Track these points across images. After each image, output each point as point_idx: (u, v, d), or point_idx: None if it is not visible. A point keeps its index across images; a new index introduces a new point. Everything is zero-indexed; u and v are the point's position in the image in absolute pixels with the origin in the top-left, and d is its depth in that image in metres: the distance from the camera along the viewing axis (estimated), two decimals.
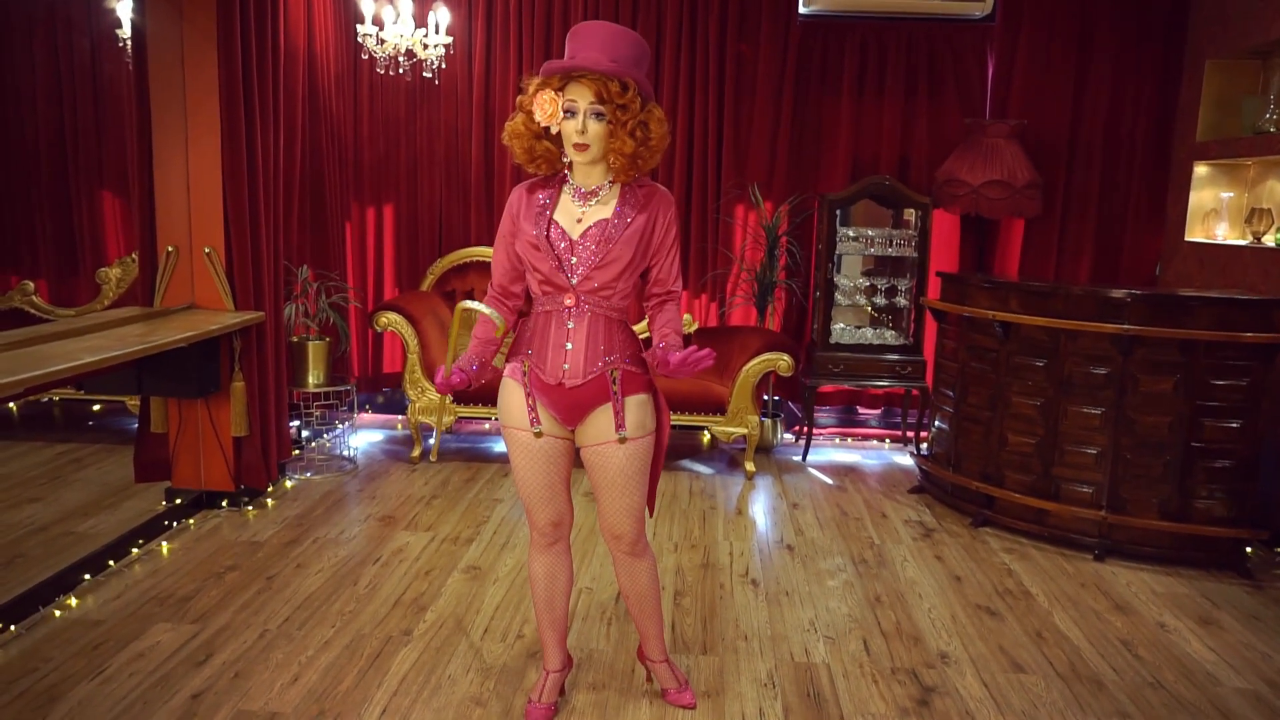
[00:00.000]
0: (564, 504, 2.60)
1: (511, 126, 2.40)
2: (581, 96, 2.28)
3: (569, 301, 2.42)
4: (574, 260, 2.39)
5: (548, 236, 2.40)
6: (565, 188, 2.45)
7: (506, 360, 2.55)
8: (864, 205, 5.56)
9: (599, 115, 2.29)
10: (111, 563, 3.64)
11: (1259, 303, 3.85)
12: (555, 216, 2.42)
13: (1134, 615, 3.52)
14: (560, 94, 2.30)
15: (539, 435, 2.50)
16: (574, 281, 2.39)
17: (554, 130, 2.35)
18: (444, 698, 2.81)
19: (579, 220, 2.41)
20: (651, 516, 3.08)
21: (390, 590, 3.53)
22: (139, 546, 3.81)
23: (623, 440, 2.45)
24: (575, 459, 2.61)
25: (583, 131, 2.30)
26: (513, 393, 2.52)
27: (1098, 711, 2.85)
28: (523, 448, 2.52)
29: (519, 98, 2.38)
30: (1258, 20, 4.57)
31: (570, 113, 2.30)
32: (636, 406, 2.47)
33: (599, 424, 2.46)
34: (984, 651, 3.21)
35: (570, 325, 2.43)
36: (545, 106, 2.29)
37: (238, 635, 3.14)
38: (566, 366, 2.43)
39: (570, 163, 2.41)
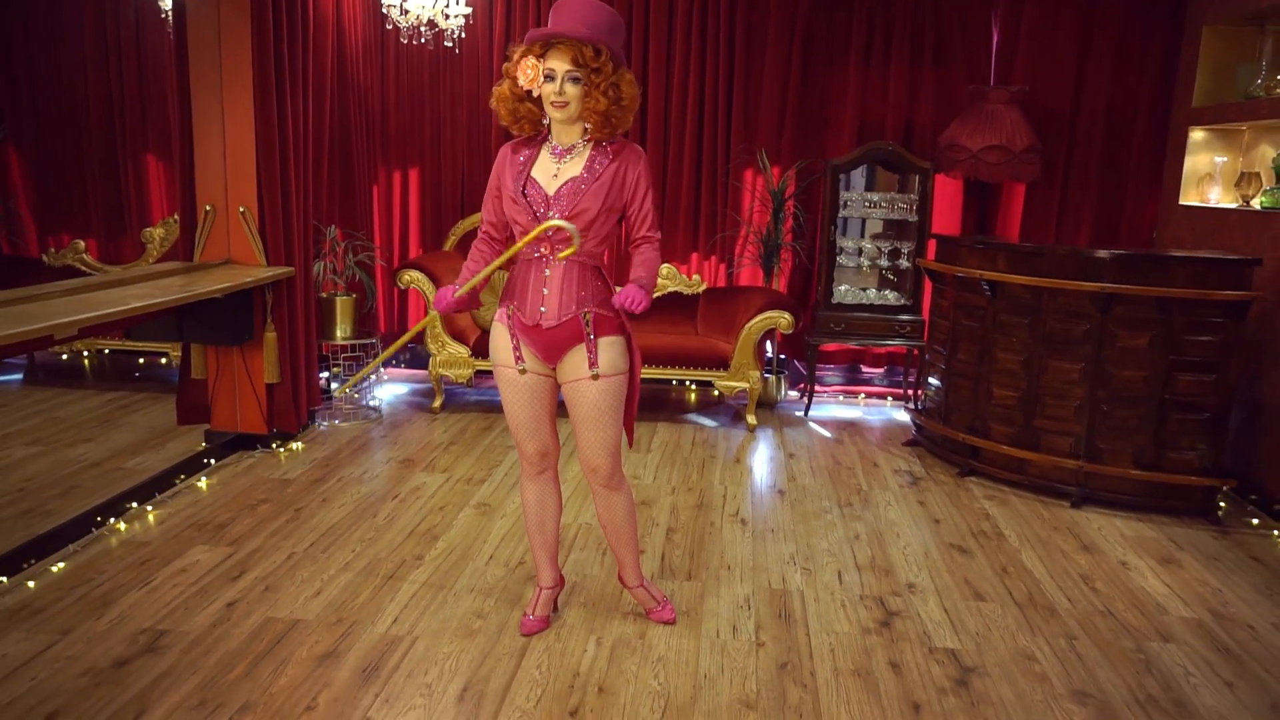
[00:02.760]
0: (549, 435, 2.89)
1: (498, 91, 2.67)
2: (559, 62, 2.54)
3: (544, 250, 2.69)
4: (551, 213, 2.65)
5: (524, 193, 2.67)
6: (545, 146, 2.72)
7: (499, 305, 2.84)
8: (868, 170, 5.75)
9: (575, 79, 2.55)
10: (157, 494, 4.01)
11: (1232, 262, 4.01)
12: (533, 174, 2.69)
13: (1098, 554, 3.75)
14: (541, 60, 2.56)
15: (523, 372, 2.79)
16: (549, 232, 2.66)
17: (535, 93, 2.61)
18: (448, 611, 3.13)
19: (555, 176, 2.67)
20: (630, 447, 3.35)
21: (406, 522, 3.86)
22: (181, 481, 4.18)
23: (595, 377, 2.74)
24: (559, 397, 2.89)
25: (560, 93, 2.56)
26: (500, 334, 2.81)
27: (1047, 634, 3.10)
28: (509, 384, 2.81)
29: (505, 65, 2.65)
30: None
31: (549, 77, 2.56)
32: (608, 346, 2.75)
33: (574, 362, 2.75)
34: (949, 583, 3.46)
35: (548, 273, 2.71)
36: (527, 71, 2.56)
37: (268, 556, 3.49)
38: (544, 309, 2.71)
39: (549, 123, 2.67)
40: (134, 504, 3.87)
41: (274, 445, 4.66)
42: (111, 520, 3.72)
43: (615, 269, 5.66)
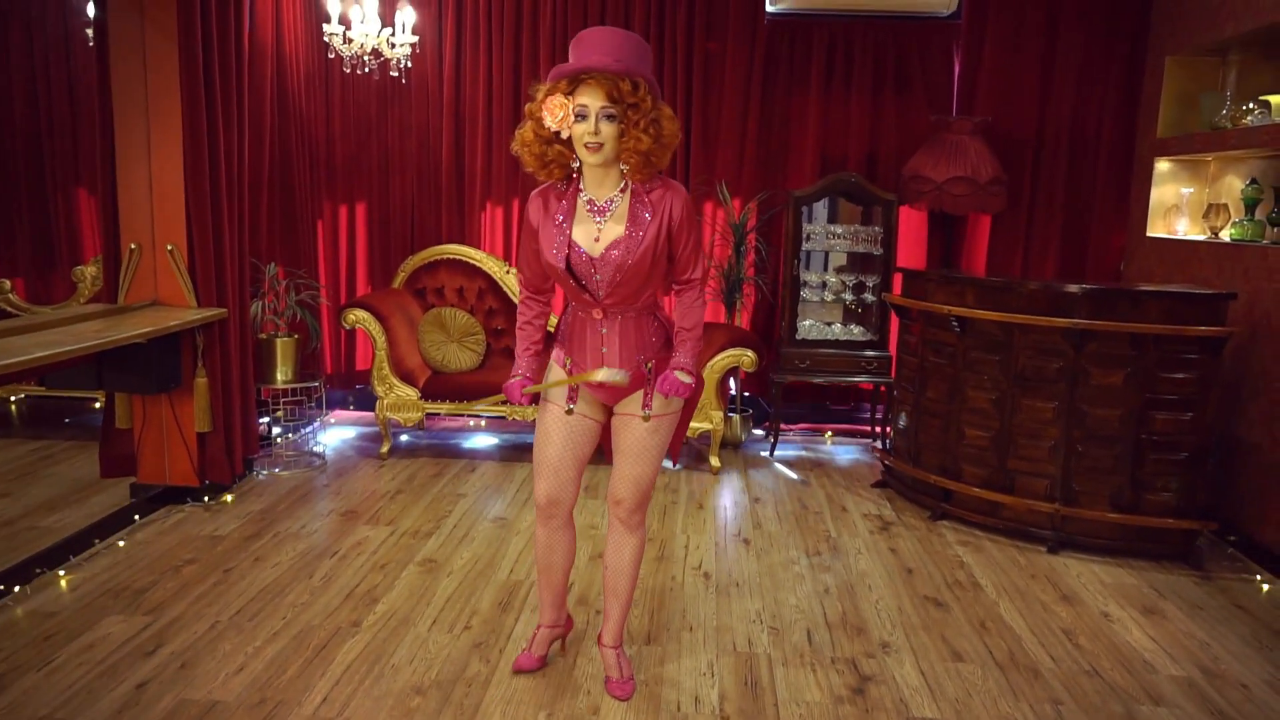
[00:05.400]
0: (568, 482, 2.70)
1: (521, 135, 2.44)
2: (592, 99, 2.32)
3: (597, 315, 2.54)
4: (597, 278, 2.48)
5: (569, 263, 2.48)
6: (579, 199, 2.50)
7: (555, 347, 2.74)
8: (830, 202, 5.60)
9: (610, 116, 2.33)
10: (72, 556, 3.69)
11: (1207, 296, 3.88)
12: (574, 237, 2.48)
13: (1079, 605, 3.56)
14: (570, 98, 2.33)
15: (570, 413, 2.65)
16: (600, 295, 2.50)
17: (565, 134, 2.38)
18: (385, 686, 2.85)
19: (597, 239, 2.47)
20: (675, 465, 3.19)
21: (344, 583, 3.57)
22: (100, 540, 3.86)
23: (646, 418, 2.61)
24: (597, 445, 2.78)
25: (595, 133, 2.33)
26: (556, 374, 2.69)
27: (1031, 699, 2.89)
28: (553, 419, 2.67)
29: (528, 105, 2.42)
30: (1214, 17, 4.59)
31: (581, 116, 2.33)
32: None
33: (634, 398, 2.64)
34: (926, 641, 3.24)
35: (604, 330, 2.56)
36: (556, 111, 2.33)
37: (189, 626, 3.19)
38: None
39: (580, 169, 2.46)
40: (44, 569, 3.55)
41: (205, 498, 4.35)
42: (17, 588, 3.40)
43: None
